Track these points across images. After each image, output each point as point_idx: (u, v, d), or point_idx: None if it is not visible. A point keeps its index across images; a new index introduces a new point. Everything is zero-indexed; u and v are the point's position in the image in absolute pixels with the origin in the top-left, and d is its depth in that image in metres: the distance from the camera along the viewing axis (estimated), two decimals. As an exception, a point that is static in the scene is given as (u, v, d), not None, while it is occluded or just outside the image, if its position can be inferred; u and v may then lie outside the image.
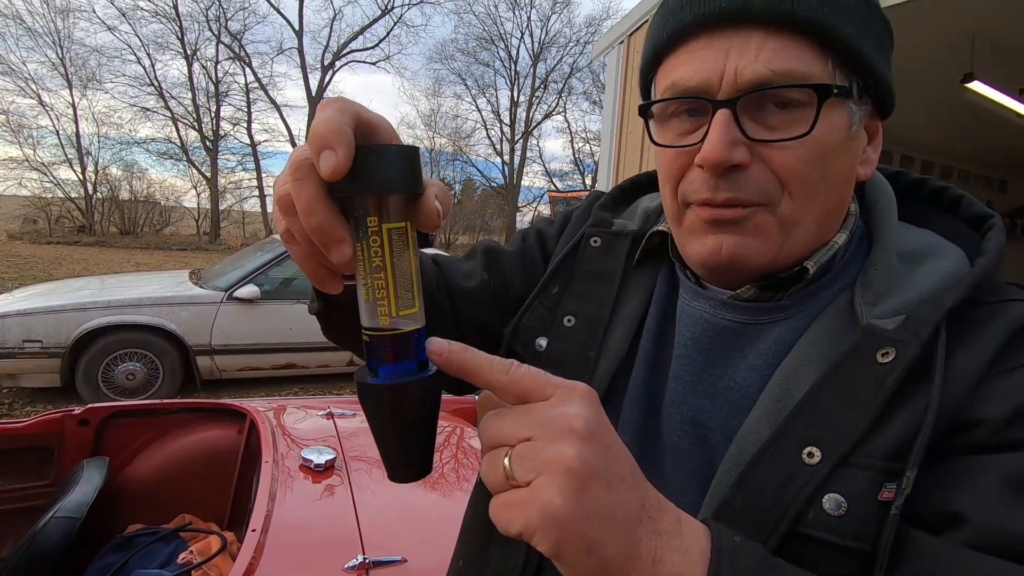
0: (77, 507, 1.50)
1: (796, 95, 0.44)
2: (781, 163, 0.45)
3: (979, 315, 0.44)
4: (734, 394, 0.50)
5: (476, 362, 0.36)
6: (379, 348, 0.36)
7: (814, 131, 0.44)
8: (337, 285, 0.39)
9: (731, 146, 0.44)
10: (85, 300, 4.27)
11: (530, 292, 0.63)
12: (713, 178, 0.46)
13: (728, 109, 0.44)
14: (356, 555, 1.22)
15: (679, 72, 0.47)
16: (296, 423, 1.96)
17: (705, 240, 0.49)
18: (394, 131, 0.36)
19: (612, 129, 4.99)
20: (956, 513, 0.39)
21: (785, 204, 0.46)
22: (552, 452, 0.32)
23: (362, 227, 0.34)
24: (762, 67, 0.44)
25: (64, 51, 18.38)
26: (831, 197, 0.48)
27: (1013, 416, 0.40)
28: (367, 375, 0.37)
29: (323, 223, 0.33)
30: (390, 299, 0.35)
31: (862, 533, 0.40)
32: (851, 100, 0.46)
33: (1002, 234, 0.48)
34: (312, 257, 0.36)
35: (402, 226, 0.35)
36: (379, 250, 0.34)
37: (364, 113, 0.34)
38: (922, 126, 4.94)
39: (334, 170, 0.31)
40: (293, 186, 0.33)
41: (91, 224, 18.24)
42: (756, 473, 0.44)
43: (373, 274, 0.34)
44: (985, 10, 2.96)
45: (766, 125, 0.45)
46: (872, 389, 0.42)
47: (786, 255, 0.48)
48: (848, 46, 0.45)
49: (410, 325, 0.36)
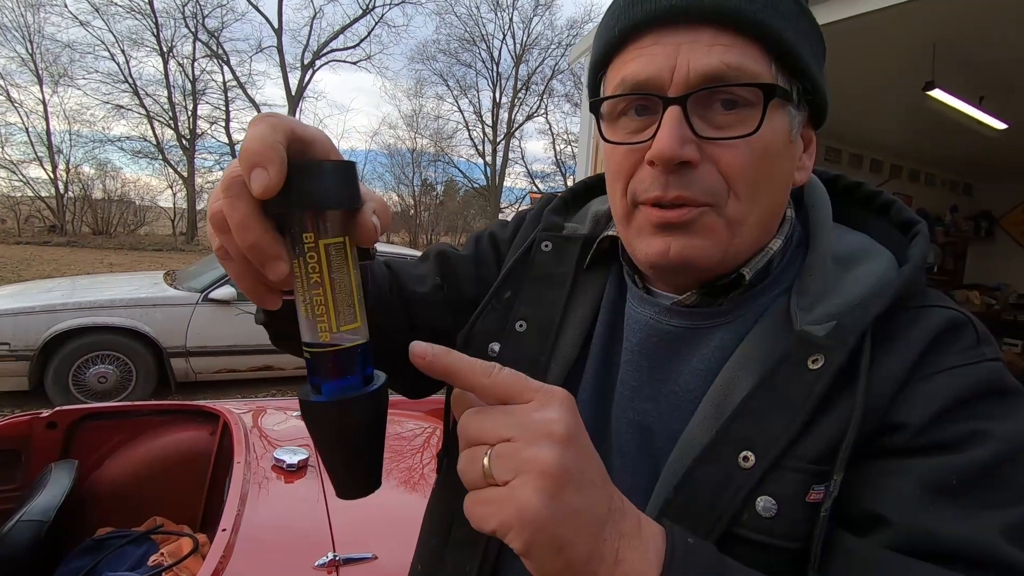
0: (44, 510, 1.48)
1: (744, 94, 0.45)
2: (727, 162, 0.46)
3: (902, 320, 0.47)
4: (678, 398, 0.52)
5: (459, 365, 0.36)
6: (321, 364, 0.35)
7: (760, 131, 0.45)
8: (276, 300, 0.39)
9: (682, 142, 0.45)
10: (55, 302, 4.18)
11: (483, 296, 0.64)
12: (664, 175, 0.46)
13: (679, 106, 0.45)
14: (327, 553, 1.23)
15: (629, 68, 0.47)
16: (270, 424, 1.96)
17: (653, 242, 0.49)
18: (332, 145, 0.36)
19: (589, 131, 5.04)
20: (879, 514, 0.41)
21: (732, 205, 0.47)
22: (531, 454, 0.32)
23: (298, 243, 0.33)
24: (715, 59, 0.44)
25: (34, 46, 17.93)
26: (773, 199, 0.50)
27: (931, 421, 0.42)
28: (310, 393, 0.36)
29: (257, 241, 0.32)
30: (330, 315, 0.34)
31: (792, 533, 0.43)
32: (791, 104, 0.48)
33: (926, 241, 0.51)
34: (248, 274, 0.36)
35: (340, 241, 0.34)
36: (316, 266, 0.33)
37: (298, 129, 0.34)
38: (890, 131, 5.07)
39: (265, 188, 0.31)
40: (225, 203, 0.32)
41: (62, 224, 17.80)
42: (696, 476, 0.46)
43: (311, 290, 0.34)
44: (945, 20, 3.06)
45: (714, 124, 0.46)
46: (803, 394, 0.44)
47: (732, 256, 0.49)
48: (790, 50, 0.46)
49: (352, 340, 0.35)
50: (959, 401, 0.43)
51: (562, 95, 24.71)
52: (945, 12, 2.96)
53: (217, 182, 0.36)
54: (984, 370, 0.44)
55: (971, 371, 0.44)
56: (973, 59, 3.52)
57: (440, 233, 23.77)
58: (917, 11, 2.89)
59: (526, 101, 25.01)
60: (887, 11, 2.88)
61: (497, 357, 0.60)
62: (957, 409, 0.42)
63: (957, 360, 0.44)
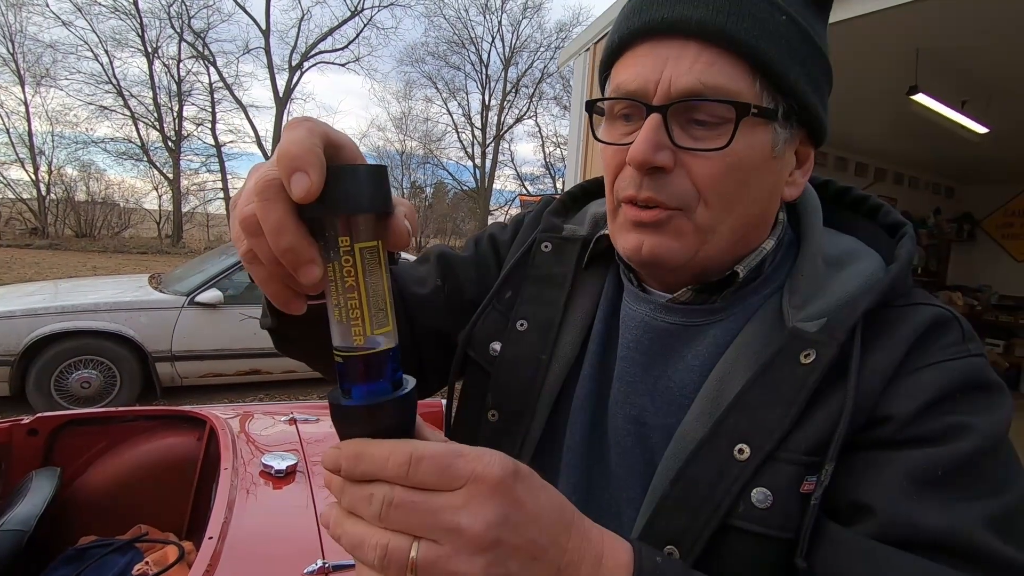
0: (25, 519, 1.45)
1: (719, 111, 0.47)
2: (699, 172, 0.48)
3: (890, 317, 0.48)
4: (673, 394, 0.53)
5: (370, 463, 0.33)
6: (353, 368, 0.35)
7: (731, 145, 0.47)
8: (301, 305, 0.38)
9: (656, 148, 0.47)
10: (37, 305, 4.11)
11: (483, 297, 0.65)
12: (639, 176, 0.48)
13: (659, 114, 0.47)
14: (316, 560, 1.21)
15: (624, 75, 0.50)
16: (258, 429, 1.93)
17: (629, 237, 0.51)
18: (358, 150, 0.36)
19: (579, 134, 5.06)
20: (865, 504, 0.43)
21: (701, 212, 0.49)
22: (460, 565, 0.31)
23: (333, 247, 0.33)
24: (694, 78, 0.46)
25: (16, 46, 17.62)
26: (751, 210, 0.51)
27: (917, 414, 0.44)
28: (340, 396, 0.36)
29: (293, 244, 0.32)
30: (364, 319, 0.34)
31: (786, 523, 0.44)
32: (776, 122, 0.49)
33: (912, 242, 0.53)
34: (277, 278, 0.36)
35: (374, 245, 0.34)
36: (352, 270, 0.33)
37: (332, 133, 0.34)
38: (875, 135, 5.15)
39: (307, 192, 0.30)
40: (260, 206, 0.32)
41: (44, 226, 17.49)
42: (691, 470, 0.47)
43: (346, 294, 0.34)
44: (929, 26, 3.11)
45: (691, 135, 0.48)
46: (796, 388, 0.46)
47: (704, 258, 0.51)
48: (774, 69, 0.47)
49: (384, 344, 0.35)
50: (944, 395, 0.44)
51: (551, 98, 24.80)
52: (928, 18, 3.01)
53: (203, 184, 0.35)
54: (968, 365, 0.46)
55: (956, 366, 0.46)
56: (955, 64, 3.59)
57: (429, 235, 23.71)
58: (901, 17, 2.93)
59: (515, 104, 25.09)
60: (871, 16, 2.92)
61: (498, 357, 0.61)
62: (942, 402, 0.44)
63: (942, 355, 0.46)
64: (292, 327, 0.55)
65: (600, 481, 0.56)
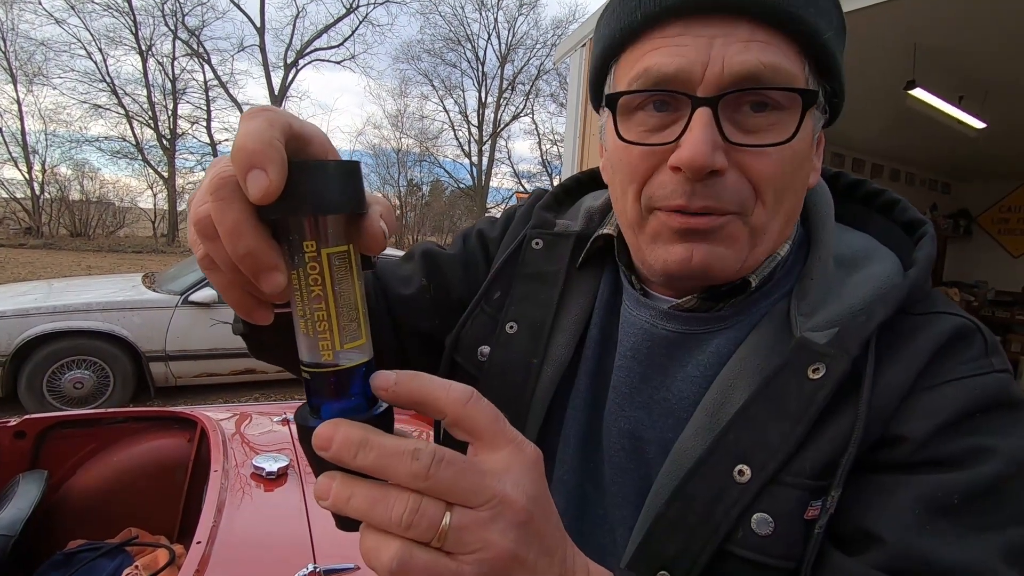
0: (11, 524, 1.42)
1: (778, 98, 0.42)
2: (759, 170, 0.43)
3: (907, 327, 0.44)
4: (671, 406, 0.49)
5: (429, 389, 0.32)
6: (321, 386, 0.32)
7: (794, 139, 0.42)
8: (267, 315, 0.34)
9: (713, 148, 0.41)
10: (29, 305, 4.06)
11: (472, 297, 0.61)
12: (690, 184, 0.42)
13: (709, 107, 0.41)
14: (307, 564, 1.19)
15: (654, 58, 0.43)
16: (250, 430, 1.91)
17: (672, 248, 0.45)
18: (330, 143, 0.33)
19: (575, 131, 5.03)
20: (873, 533, 0.39)
21: (757, 213, 0.44)
22: (493, 536, 0.29)
23: (298, 253, 0.30)
24: (753, 57, 0.40)
25: (7, 44, 17.51)
26: (794, 205, 0.47)
27: (933, 434, 0.40)
28: (308, 416, 0.32)
29: (252, 249, 0.28)
30: (333, 331, 0.31)
31: (788, 552, 0.41)
32: (818, 108, 0.45)
33: (933, 244, 0.48)
34: (237, 286, 0.32)
35: (344, 250, 0.31)
36: (318, 278, 0.30)
37: (296, 124, 0.30)
38: (872, 131, 5.14)
39: (265, 192, 0.27)
40: (215, 207, 0.28)
41: (38, 226, 17.41)
42: (689, 489, 0.44)
43: (312, 304, 0.30)
44: (926, 19, 3.10)
45: (744, 128, 0.43)
46: (803, 405, 0.42)
47: (750, 265, 0.47)
48: (827, 50, 0.43)
49: (356, 359, 0.32)
50: (964, 414, 0.40)
51: (548, 95, 24.78)
52: (926, 12, 3.00)
53: (199, 183, 0.32)
54: (992, 381, 0.42)
55: (978, 383, 0.42)
56: (952, 59, 3.57)
57: (426, 233, 23.66)
58: (898, 11, 2.92)
59: (512, 101, 25.05)
60: (869, 10, 2.90)
61: (487, 360, 0.57)
62: (961, 423, 0.40)
63: (964, 370, 0.42)
64: (265, 333, 0.51)
65: (593, 497, 0.53)
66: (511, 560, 0.30)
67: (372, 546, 0.29)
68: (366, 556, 0.30)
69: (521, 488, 0.31)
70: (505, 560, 0.30)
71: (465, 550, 0.29)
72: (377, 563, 0.29)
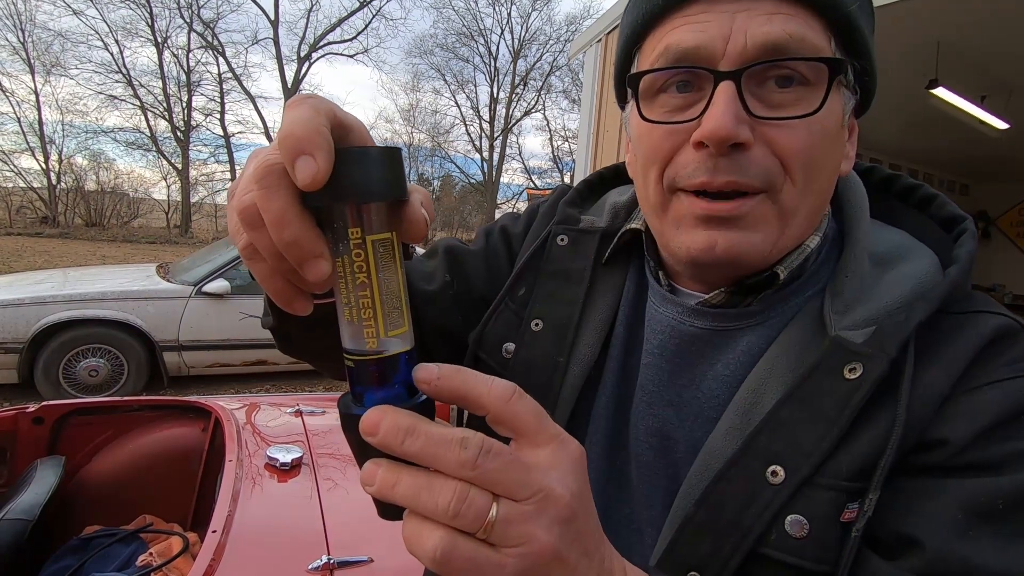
0: (29, 508, 1.44)
1: (804, 70, 0.41)
2: (786, 144, 0.42)
3: (947, 325, 0.43)
4: (700, 405, 0.48)
5: (472, 385, 0.31)
6: (365, 373, 0.32)
7: (821, 110, 0.41)
8: (306, 305, 0.34)
9: (737, 120, 0.40)
10: (45, 294, 4.11)
11: (495, 294, 0.60)
12: (712, 159, 0.42)
13: (732, 81, 0.40)
14: (321, 555, 1.19)
15: (675, 36, 0.43)
16: (264, 421, 1.92)
17: (695, 234, 0.45)
18: (368, 132, 0.33)
19: (589, 128, 5.00)
20: (913, 537, 0.38)
21: (787, 190, 0.43)
22: (538, 530, 0.29)
23: (342, 240, 0.30)
24: (777, 28, 0.40)
25: (26, 35, 17.73)
26: (824, 188, 0.46)
27: (975, 438, 0.39)
28: (351, 404, 0.33)
29: (298, 237, 0.28)
30: (377, 319, 0.31)
31: (823, 555, 0.40)
32: (847, 87, 0.44)
33: (974, 240, 0.46)
34: (279, 275, 0.32)
35: (387, 237, 0.31)
36: (363, 265, 0.30)
37: (339, 113, 0.30)
38: (891, 131, 5.07)
39: (314, 178, 0.27)
40: (260, 195, 0.28)
41: (54, 215, 17.65)
42: (719, 491, 0.43)
43: (357, 292, 0.31)
44: (949, 18, 3.04)
45: (768, 103, 0.42)
46: (838, 406, 0.41)
47: (780, 250, 0.46)
48: (854, 26, 0.42)
49: (399, 346, 0.32)
50: (1008, 417, 0.39)
51: (560, 91, 24.73)
52: (949, 10, 2.94)
53: (212, 174, 0.32)
54: None
55: (1021, 384, 0.40)
56: (976, 58, 3.51)
57: (436, 228, 23.70)
58: (921, 9, 2.87)
59: (524, 97, 24.98)
60: (892, 8, 2.85)
61: (512, 358, 0.56)
62: (1005, 426, 0.39)
63: (1007, 372, 0.41)
64: (295, 326, 0.51)
65: (620, 497, 0.52)
66: (553, 556, 0.29)
67: (415, 532, 0.29)
68: (408, 543, 0.29)
69: (566, 484, 0.30)
70: (547, 556, 0.29)
71: (509, 543, 0.29)
72: (420, 550, 0.29)
